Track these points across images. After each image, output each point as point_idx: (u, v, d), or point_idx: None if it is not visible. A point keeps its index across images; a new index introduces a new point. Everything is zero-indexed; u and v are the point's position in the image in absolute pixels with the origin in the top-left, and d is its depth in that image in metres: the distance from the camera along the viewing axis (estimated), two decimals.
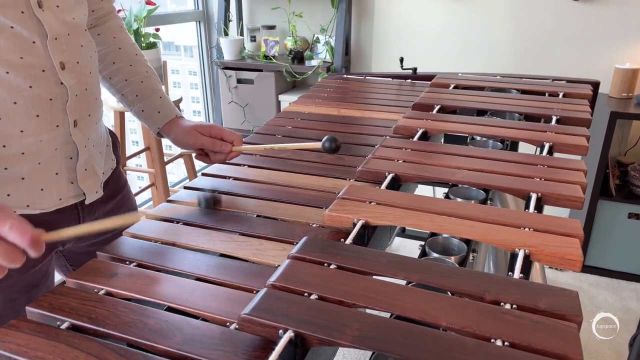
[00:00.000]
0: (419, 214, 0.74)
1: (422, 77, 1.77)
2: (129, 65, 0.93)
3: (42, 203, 0.75)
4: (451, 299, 0.55)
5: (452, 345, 0.48)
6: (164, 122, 0.93)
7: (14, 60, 0.67)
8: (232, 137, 0.90)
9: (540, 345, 0.47)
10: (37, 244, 0.55)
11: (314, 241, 0.67)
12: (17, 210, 0.72)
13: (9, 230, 0.53)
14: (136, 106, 0.93)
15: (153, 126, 0.94)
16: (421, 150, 1.00)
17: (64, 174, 0.77)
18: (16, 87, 0.68)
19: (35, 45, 0.69)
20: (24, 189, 0.73)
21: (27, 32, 0.68)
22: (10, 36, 0.66)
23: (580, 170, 0.89)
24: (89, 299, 0.61)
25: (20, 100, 0.69)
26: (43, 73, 0.71)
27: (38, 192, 0.74)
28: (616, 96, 2.18)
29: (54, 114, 0.73)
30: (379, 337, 0.49)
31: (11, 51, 0.67)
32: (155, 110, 0.93)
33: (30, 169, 0.73)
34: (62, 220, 0.79)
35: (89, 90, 0.79)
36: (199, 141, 0.90)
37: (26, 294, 0.79)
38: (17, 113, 0.69)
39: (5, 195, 0.71)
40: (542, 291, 0.55)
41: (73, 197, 0.80)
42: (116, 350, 0.52)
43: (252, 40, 2.71)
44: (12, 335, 0.55)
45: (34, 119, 0.71)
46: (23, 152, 0.71)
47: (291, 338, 0.49)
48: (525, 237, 0.67)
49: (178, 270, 0.67)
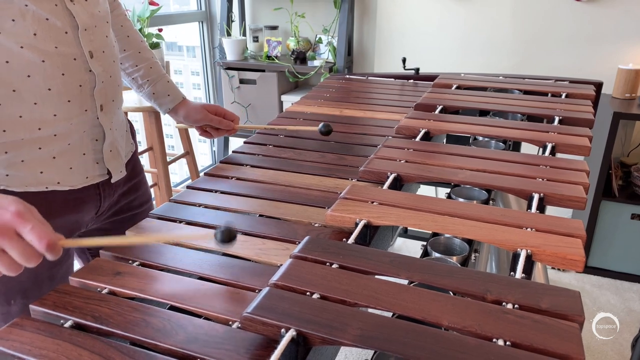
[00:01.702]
0: (421, 214, 0.75)
1: (425, 78, 1.77)
2: (138, 52, 1.01)
3: (71, 180, 0.81)
4: (453, 299, 0.55)
5: (453, 345, 0.48)
6: (174, 104, 1.05)
7: (49, 50, 0.73)
8: (233, 117, 1.09)
9: (542, 345, 0.47)
10: (54, 249, 0.56)
11: (316, 241, 0.67)
12: (48, 187, 0.79)
13: (29, 231, 0.55)
14: (146, 89, 1.03)
15: (163, 107, 1.06)
16: (423, 151, 1.00)
17: (91, 155, 0.84)
18: (51, 75, 0.74)
19: (68, 35, 0.75)
20: (55, 168, 0.79)
21: (60, 23, 0.74)
22: (46, 27, 0.72)
23: (583, 171, 0.89)
24: (93, 297, 0.61)
25: (54, 86, 0.74)
26: (74, 61, 0.76)
27: (67, 171, 0.80)
28: (619, 97, 2.17)
29: (83, 99, 0.79)
30: (381, 337, 0.49)
31: (47, 41, 0.72)
32: (165, 93, 1.05)
33: (61, 150, 0.79)
34: (86, 197, 0.85)
35: (113, 77, 0.86)
36: (208, 118, 1.05)
37: (48, 271, 0.84)
38: (51, 98, 0.75)
39: (39, 172, 0.77)
40: (544, 291, 0.55)
41: (98, 176, 0.86)
42: (119, 348, 0.52)
43: (254, 41, 2.71)
44: (16, 334, 0.55)
45: (65, 104, 0.77)
46: (55, 134, 0.77)
47: (293, 337, 0.49)
48: (527, 237, 0.67)
49: (181, 269, 0.67)
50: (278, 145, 1.14)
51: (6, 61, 0.70)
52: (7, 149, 0.74)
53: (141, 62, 1.01)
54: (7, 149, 0.74)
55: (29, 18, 0.70)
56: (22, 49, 0.70)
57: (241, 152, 1.10)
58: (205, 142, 3.25)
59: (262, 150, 1.11)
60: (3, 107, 0.72)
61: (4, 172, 0.74)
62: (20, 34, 0.70)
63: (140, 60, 1.01)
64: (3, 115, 0.72)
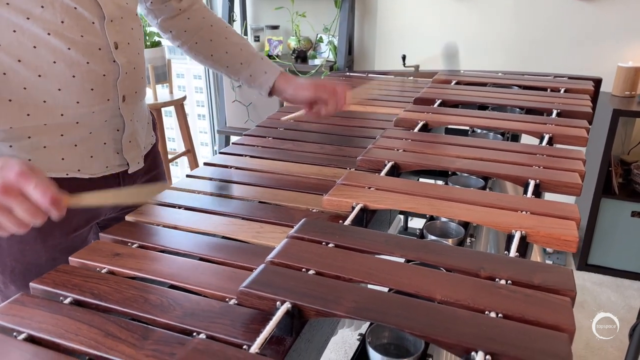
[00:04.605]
0: (417, 198, 0.75)
1: (424, 75, 1.78)
2: (224, 38, 1.02)
3: (92, 169, 0.82)
4: (447, 275, 0.56)
5: (446, 317, 0.48)
6: (274, 79, 1.02)
7: (75, 38, 0.74)
8: (344, 89, 1.01)
9: (533, 316, 0.48)
10: (57, 204, 0.58)
11: (312, 222, 0.68)
12: (69, 174, 0.80)
13: (33, 188, 0.57)
14: (243, 73, 1.02)
15: (264, 86, 1.03)
16: (421, 141, 1.00)
17: (111, 145, 0.85)
18: (76, 62, 0.75)
19: (94, 25, 0.76)
20: (76, 155, 0.80)
21: (87, 13, 0.75)
22: (74, 16, 0.74)
23: (579, 159, 0.89)
24: (92, 276, 0.62)
25: (78, 74, 0.76)
26: (99, 51, 0.78)
27: (88, 159, 0.82)
28: (619, 94, 2.18)
29: (106, 88, 0.80)
30: (375, 309, 0.49)
31: (74, 30, 0.74)
32: (262, 71, 1.02)
33: (83, 138, 0.80)
34: (106, 186, 0.86)
35: (137, 70, 0.86)
36: (318, 94, 0.99)
37: (66, 256, 0.85)
38: (74, 85, 0.76)
39: (60, 159, 0.79)
40: (537, 268, 0.56)
41: (118, 166, 0.87)
42: (117, 322, 0.53)
43: (255, 40, 2.73)
44: (16, 309, 0.56)
45: (88, 92, 0.78)
46: (77, 122, 0.78)
47: (288, 309, 0.50)
48: (522, 219, 0.68)
49: (179, 250, 0.68)
50: (278, 137, 1.15)
51: (34, 46, 0.72)
52: (30, 133, 0.75)
53: (230, 47, 1.01)
54: (30, 134, 0.75)
55: (57, 6, 0.72)
56: (49, 35, 0.72)
57: (241, 144, 1.11)
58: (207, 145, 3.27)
59: (262, 142, 1.12)
60: (28, 91, 0.73)
61: (27, 156, 0.76)
62: (48, 20, 0.71)
63: (229, 45, 1.01)
64: (28, 99, 0.74)
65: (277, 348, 0.50)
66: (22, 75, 0.72)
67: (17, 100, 0.73)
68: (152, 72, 2.21)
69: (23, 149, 0.75)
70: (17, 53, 0.71)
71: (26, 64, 0.72)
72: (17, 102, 0.73)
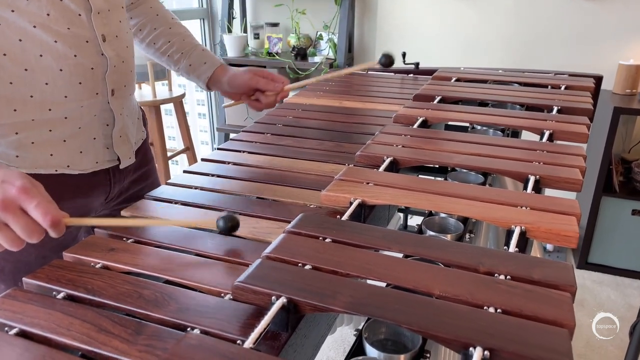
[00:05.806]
0: (416, 193, 0.74)
1: (424, 72, 1.77)
2: (169, 28, 1.02)
3: (81, 164, 0.82)
4: (445, 270, 0.55)
5: (444, 312, 0.47)
6: (213, 70, 1.02)
7: (61, 31, 0.73)
8: (281, 79, 1.02)
9: (532, 312, 0.47)
10: (57, 226, 0.57)
11: (309, 217, 0.67)
12: (58, 170, 0.79)
13: (34, 208, 0.56)
14: (182, 63, 1.02)
15: (202, 76, 1.02)
16: (421, 137, 1.00)
17: (101, 140, 0.84)
18: (63, 55, 0.74)
19: (81, 18, 0.76)
20: (65, 151, 0.79)
21: (74, 5, 0.74)
22: (59, 8, 0.73)
23: (580, 155, 0.88)
24: (86, 271, 0.61)
25: (65, 67, 0.75)
26: (87, 44, 0.77)
27: (77, 154, 0.81)
28: (620, 92, 2.17)
29: (94, 82, 0.79)
30: (372, 304, 0.49)
31: (60, 22, 0.73)
32: (201, 62, 1.02)
33: (72, 133, 0.79)
34: (96, 182, 0.85)
35: (126, 63, 0.85)
36: (254, 81, 1.00)
37: (56, 254, 0.85)
38: (62, 79, 0.75)
39: (49, 155, 0.78)
40: (537, 263, 0.55)
41: (108, 162, 0.86)
42: (110, 317, 0.52)
43: (255, 38, 2.72)
44: (8, 304, 0.55)
45: (76, 86, 0.77)
46: (66, 117, 0.77)
47: (284, 304, 0.49)
48: (522, 215, 0.67)
49: (174, 246, 0.67)
50: (276, 133, 1.14)
51: (19, 39, 0.70)
52: (17, 129, 0.74)
53: (173, 37, 1.01)
54: (17, 130, 0.74)
55: None
56: (34, 28, 0.71)
57: (239, 140, 1.11)
58: (207, 143, 3.26)
59: (260, 138, 1.11)
60: (15, 86, 0.72)
61: (14, 153, 0.75)
62: (33, 13, 0.70)
63: (172, 35, 1.01)
64: (15, 94, 0.72)
65: (272, 343, 0.49)
66: (8, 69, 0.71)
67: (3, 95, 0.71)
68: (151, 70, 2.20)
69: (10, 145, 0.74)
70: (3, 47, 0.70)
71: (12, 58, 0.70)
72: (4, 97, 0.72)
